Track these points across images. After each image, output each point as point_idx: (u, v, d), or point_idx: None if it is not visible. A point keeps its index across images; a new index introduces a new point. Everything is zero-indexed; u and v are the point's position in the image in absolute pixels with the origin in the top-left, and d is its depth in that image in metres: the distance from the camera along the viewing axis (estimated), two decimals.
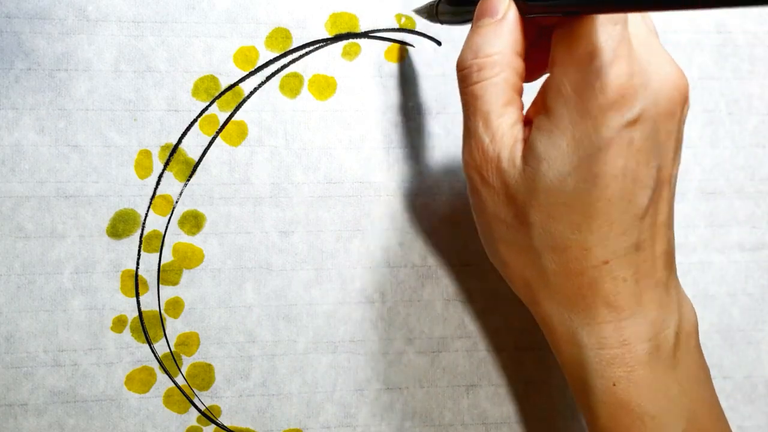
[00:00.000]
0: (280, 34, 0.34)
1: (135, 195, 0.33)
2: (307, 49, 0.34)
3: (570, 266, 0.27)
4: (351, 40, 0.35)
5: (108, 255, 0.33)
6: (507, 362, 0.36)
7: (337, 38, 0.35)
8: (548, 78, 0.26)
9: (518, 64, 0.28)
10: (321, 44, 0.34)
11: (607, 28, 0.25)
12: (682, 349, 0.28)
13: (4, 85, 0.32)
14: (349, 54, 0.35)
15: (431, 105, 0.35)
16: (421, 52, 0.35)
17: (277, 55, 0.34)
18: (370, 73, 0.35)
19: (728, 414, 0.37)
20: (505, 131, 0.27)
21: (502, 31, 0.27)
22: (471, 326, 0.35)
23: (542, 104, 0.27)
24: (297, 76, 0.34)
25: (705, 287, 0.37)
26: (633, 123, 0.25)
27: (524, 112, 0.28)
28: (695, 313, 0.29)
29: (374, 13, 0.35)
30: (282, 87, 0.34)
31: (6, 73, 0.32)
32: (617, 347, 0.27)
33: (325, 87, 0.35)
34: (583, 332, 0.27)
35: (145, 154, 0.33)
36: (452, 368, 0.35)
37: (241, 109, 0.34)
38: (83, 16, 0.33)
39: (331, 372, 0.34)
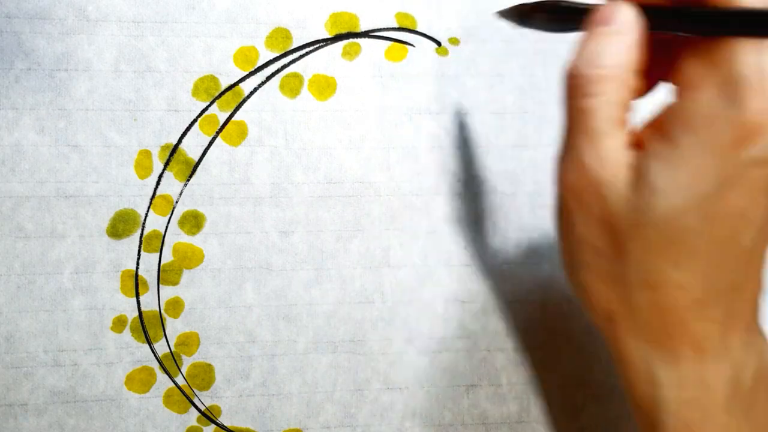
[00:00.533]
0: (280, 34, 0.34)
1: (135, 195, 0.33)
2: (307, 49, 0.34)
3: (662, 303, 0.25)
4: (351, 40, 0.35)
5: (108, 255, 0.33)
6: (507, 362, 0.36)
7: (337, 38, 0.34)
8: (673, 104, 0.24)
9: (634, 82, 0.25)
10: (321, 44, 0.34)
11: (752, 55, 0.23)
12: (761, 392, 0.27)
13: (4, 85, 0.32)
14: (349, 54, 0.35)
15: (431, 105, 0.35)
16: (421, 51, 0.35)
17: (277, 55, 0.34)
18: (370, 72, 0.35)
19: None
20: (612, 154, 0.25)
21: (624, 44, 0.25)
22: (471, 326, 0.35)
23: (662, 129, 0.24)
24: (297, 76, 0.34)
25: None
26: (758, 163, 0.23)
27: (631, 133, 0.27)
28: None
29: (374, 12, 0.35)
30: (282, 87, 0.34)
31: (6, 73, 0.32)
32: (696, 389, 0.26)
33: (325, 87, 0.35)
34: (663, 371, 0.26)
35: (145, 154, 0.33)
36: (452, 368, 0.35)
37: (241, 109, 0.34)
38: (83, 16, 0.33)
39: (331, 372, 0.34)
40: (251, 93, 0.34)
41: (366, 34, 0.35)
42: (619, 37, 0.25)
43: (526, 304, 0.36)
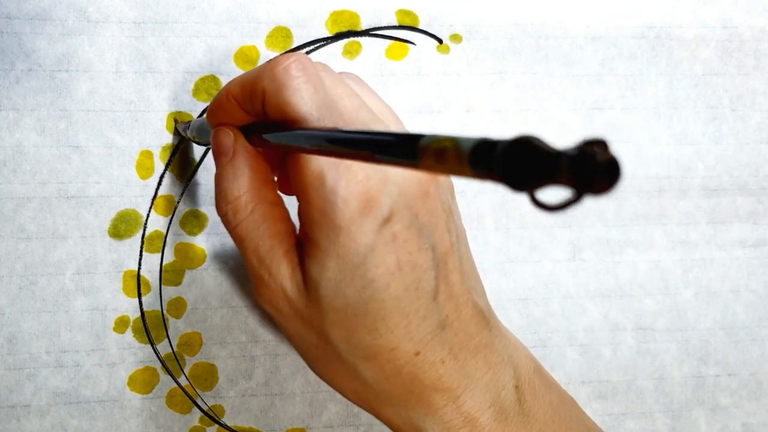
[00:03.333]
0: (280, 33, 0.34)
1: (136, 195, 0.33)
2: (308, 48, 0.34)
3: (386, 369, 0.26)
4: (352, 39, 0.35)
5: (110, 255, 0.33)
6: None
7: (338, 37, 0.34)
8: (298, 209, 0.27)
9: (269, 193, 0.28)
10: (321, 43, 0.34)
11: (313, 162, 0.25)
12: (528, 398, 0.28)
13: (5, 86, 0.32)
14: (349, 53, 0.35)
15: (432, 103, 0.35)
16: (422, 50, 0.35)
17: (278, 54, 0.34)
18: (371, 71, 0.35)
19: (733, 411, 0.37)
20: (279, 263, 0.27)
21: (240, 169, 0.27)
22: None
23: (302, 233, 0.27)
24: None
25: (708, 284, 0.37)
26: (388, 220, 0.25)
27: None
28: (528, 353, 0.29)
29: (375, 10, 0.35)
30: None
31: (7, 74, 0.32)
32: (463, 426, 0.27)
33: None
34: (427, 423, 0.27)
35: (147, 154, 0.33)
36: None
37: None
38: (84, 17, 0.33)
39: None
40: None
41: (366, 33, 0.35)
42: (233, 165, 0.28)
43: (527, 302, 0.36)
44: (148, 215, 0.33)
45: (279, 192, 0.29)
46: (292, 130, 0.25)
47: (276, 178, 0.30)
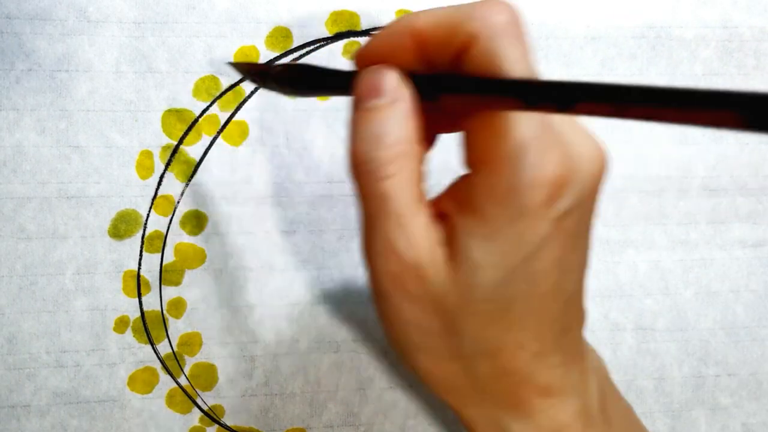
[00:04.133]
0: (280, 33, 0.34)
1: (136, 195, 0.33)
2: (308, 48, 0.34)
3: (505, 367, 0.25)
4: (352, 39, 0.35)
5: (110, 255, 0.33)
6: None
7: (338, 37, 0.34)
8: (473, 178, 0.23)
9: (421, 152, 0.24)
10: (321, 43, 0.34)
11: (527, 117, 0.22)
12: (608, 402, 0.28)
13: (5, 86, 0.32)
14: (349, 53, 0.35)
15: None
16: None
17: (278, 54, 0.34)
18: None
19: (733, 411, 0.37)
20: (422, 234, 0.23)
21: (402, 116, 0.23)
22: None
23: (467, 204, 0.23)
24: None
25: (708, 284, 0.37)
26: (567, 214, 0.23)
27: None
28: (598, 355, 0.29)
29: (375, 10, 0.35)
30: None
31: (7, 74, 0.32)
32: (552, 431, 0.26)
33: None
34: (519, 426, 0.26)
35: (147, 154, 0.33)
36: None
37: (242, 109, 0.34)
38: (84, 17, 0.33)
39: (333, 371, 0.34)
40: (252, 93, 0.34)
41: (366, 33, 0.35)
42: (395, 110, 0.23)
43: None
44: (148, 215, 0.33)
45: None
46: (497, 80, 0.21)
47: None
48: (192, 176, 0.34)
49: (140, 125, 0.33)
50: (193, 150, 0.34)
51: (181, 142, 0.34)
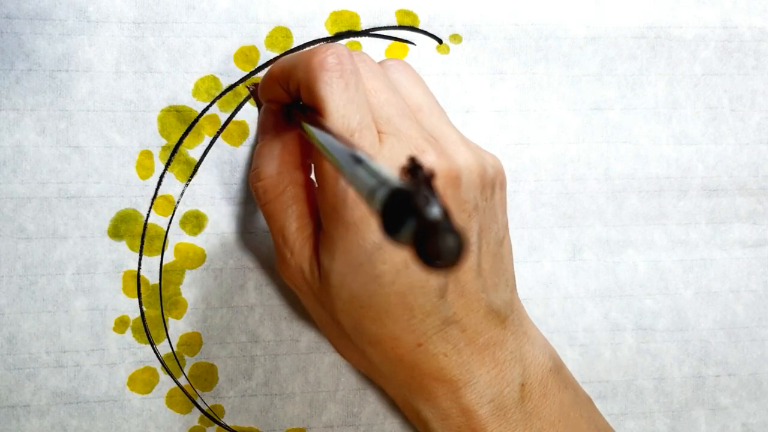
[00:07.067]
0: (280, 33, 0.34)
1: (136, 195, 0.33)
2: (308, 48, 0.34)
3: (390, 355, 0.27)
4: (352, 39, 0.35)
5: (110, 255, 0.33)
6: None
7: (338, 37, 0.34)
8: (317, 196, 0.28)
9: (301, 176, 0.29)
10: (321, 43, 0.34)
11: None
12: (535, 396, 0.28)
13: (4, 86, 0.32)
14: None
15: None
16: (422, 50, 0.35)
17: (278, 54, 0.34)
18: None
19: (733, 411, 0.37)
20: (301, 244, 0.28)
21: (277, 150, 0.29)
22: None
23: (320, 220, 0.28)
24: None
25: (708, 284, 0.37)
26: None
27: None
28: (550, 353, 0.30)
29: (375, 10, 0.35)
30: None
31: (7, 74, 0.32)
32: (459, 416, 0.28)
33: None
34: (426, 408, 0.28)
35: (147, 154, 0.33)
36: None
37: (242, 109, 0.34)
38: (84, 17, 0.33)
39: (333, 371, 0.34)
40: (252, 93, 0.34)
41: (366, 33, 0.35)
42: (270, 144, 0.29)
43: (527, 302, 0.36)
44: (148, 215, 0.33)
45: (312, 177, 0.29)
46: (315, 124, 0.25)
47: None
48: (192, 176, 0.34)
49: (140, 125, 0.33)
50: (193, 150, 0.34)
51: (181, 142, 0.34)
